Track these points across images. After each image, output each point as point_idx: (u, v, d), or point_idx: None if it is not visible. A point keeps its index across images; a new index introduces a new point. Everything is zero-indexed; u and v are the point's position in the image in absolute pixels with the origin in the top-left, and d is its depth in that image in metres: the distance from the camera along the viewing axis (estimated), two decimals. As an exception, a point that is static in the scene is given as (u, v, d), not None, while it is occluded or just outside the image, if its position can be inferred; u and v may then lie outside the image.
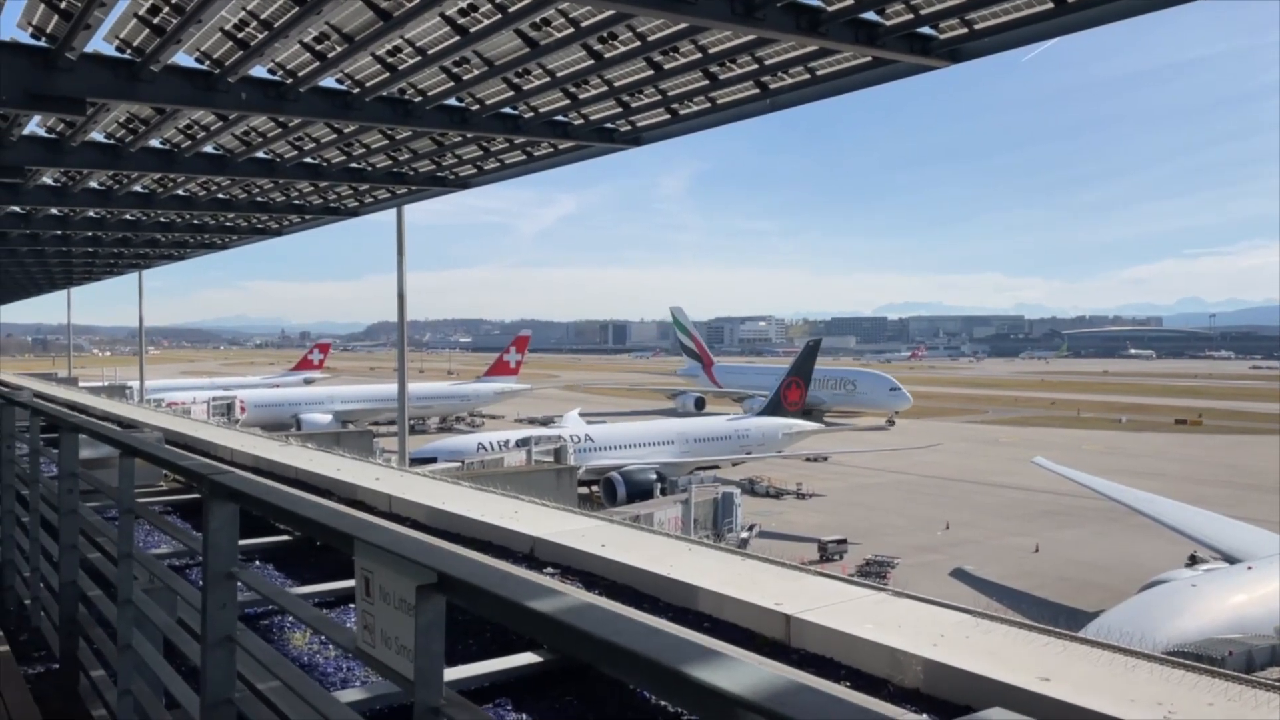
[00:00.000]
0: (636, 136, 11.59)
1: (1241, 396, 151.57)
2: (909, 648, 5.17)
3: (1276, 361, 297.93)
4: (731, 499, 48.39)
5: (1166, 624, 21.18)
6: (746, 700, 1.24)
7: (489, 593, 2.00)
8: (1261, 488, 69.67)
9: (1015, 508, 61.72)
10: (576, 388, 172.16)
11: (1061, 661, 4.96)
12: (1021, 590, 42.24)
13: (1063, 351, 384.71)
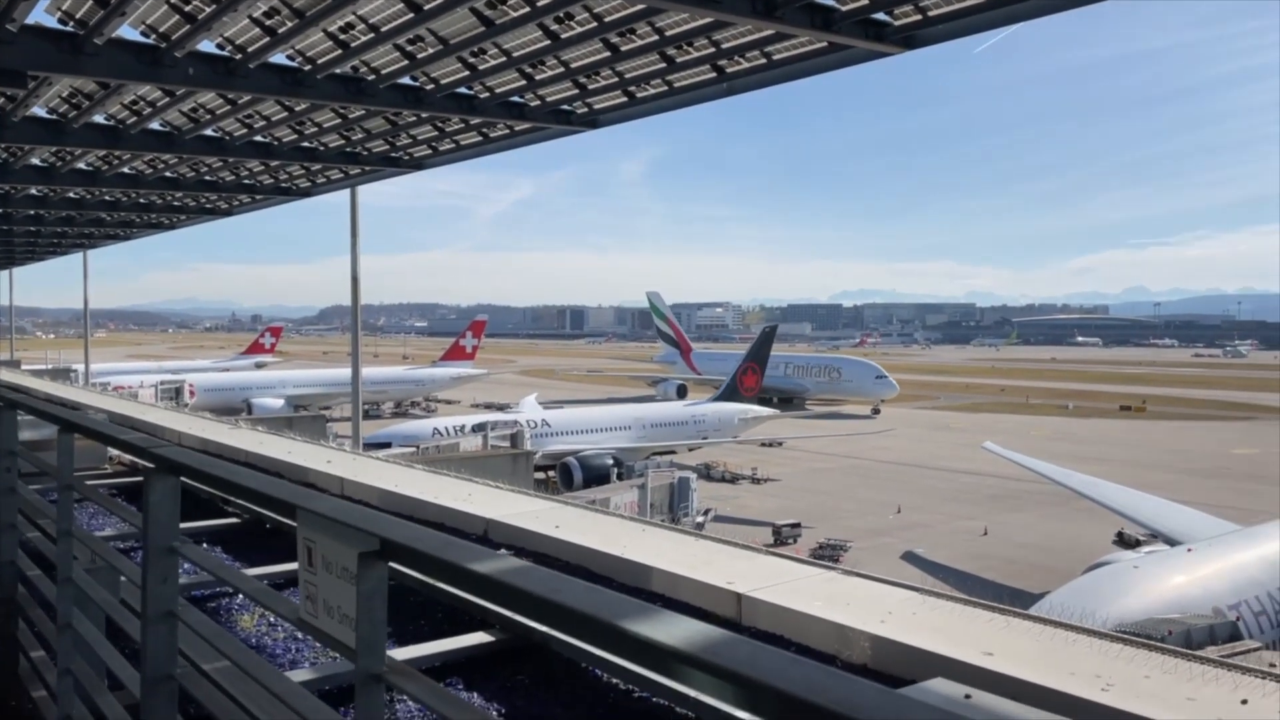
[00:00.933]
0: (593, 119, 11.53)
1: (1184, 384, 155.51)
2: (857, 624, 5.25)
3: (1218, 350, 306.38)
4: (688, 483, 48.58)
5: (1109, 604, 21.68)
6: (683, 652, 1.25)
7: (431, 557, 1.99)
8: (1201, 472, 71.72)
9: (965, 492, 62.77)
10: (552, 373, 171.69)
11: (1005, 637, 5.06)
12: (970, 572, 43.02)
13: (1012, 339, 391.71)
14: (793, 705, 1.16)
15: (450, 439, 51.32)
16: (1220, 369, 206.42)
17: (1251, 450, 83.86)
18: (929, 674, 4.58)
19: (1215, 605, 23.24)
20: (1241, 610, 23.59)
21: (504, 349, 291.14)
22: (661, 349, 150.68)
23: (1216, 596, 23.70)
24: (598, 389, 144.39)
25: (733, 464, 69.99)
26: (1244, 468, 74.35)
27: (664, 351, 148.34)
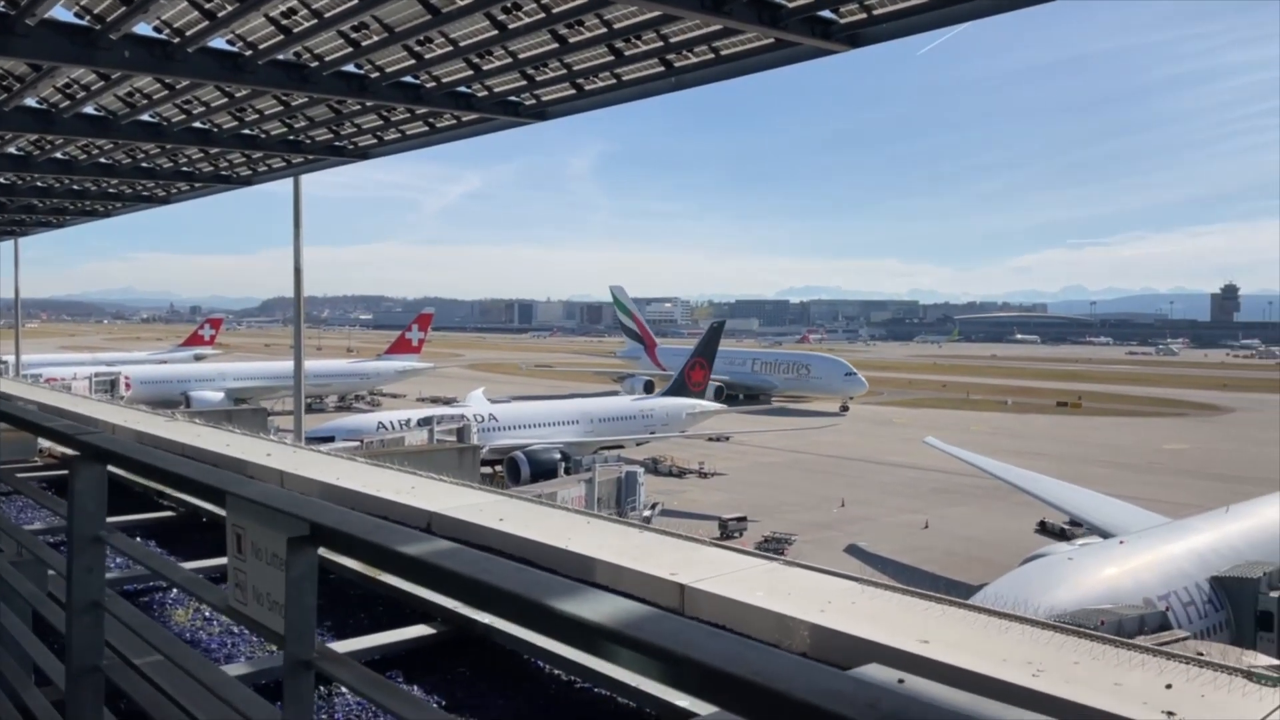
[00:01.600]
0: (541, 110, 11.47)
1: (1118, 380, 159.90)
2: (797, 614, 5.32)
3: (1150, 348, 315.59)
4: (635, 478, 48.58)
5: (1044, 595, 22.22)
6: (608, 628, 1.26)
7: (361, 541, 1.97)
8: (1134, 467, 73.81)
9: (908, 486, 63.77)
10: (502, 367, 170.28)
11: (941, 625, 5.17)
12: (911, 565, 43.80)
13: (954, 336, 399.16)
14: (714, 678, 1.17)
15: (395, 433, 50.77)
16: (1153, 367, 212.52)
17: (1181, 445, 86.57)
18: (866, 661, 4.66)
19: (1146, 596, 23.91)
20: (1171, 601, 24.34)
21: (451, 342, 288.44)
22: (625, 344, 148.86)
23: (1147, 587, 24.39)
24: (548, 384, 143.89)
25: (680, 459, 70.26)
26: (1174, 462, 76.76)
27: (628, 347, 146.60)
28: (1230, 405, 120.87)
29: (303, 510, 2.18)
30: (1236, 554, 27.46)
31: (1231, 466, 73.15)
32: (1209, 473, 70.83)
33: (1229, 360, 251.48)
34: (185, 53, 9.39)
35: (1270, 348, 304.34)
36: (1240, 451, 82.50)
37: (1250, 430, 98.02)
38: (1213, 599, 25.42)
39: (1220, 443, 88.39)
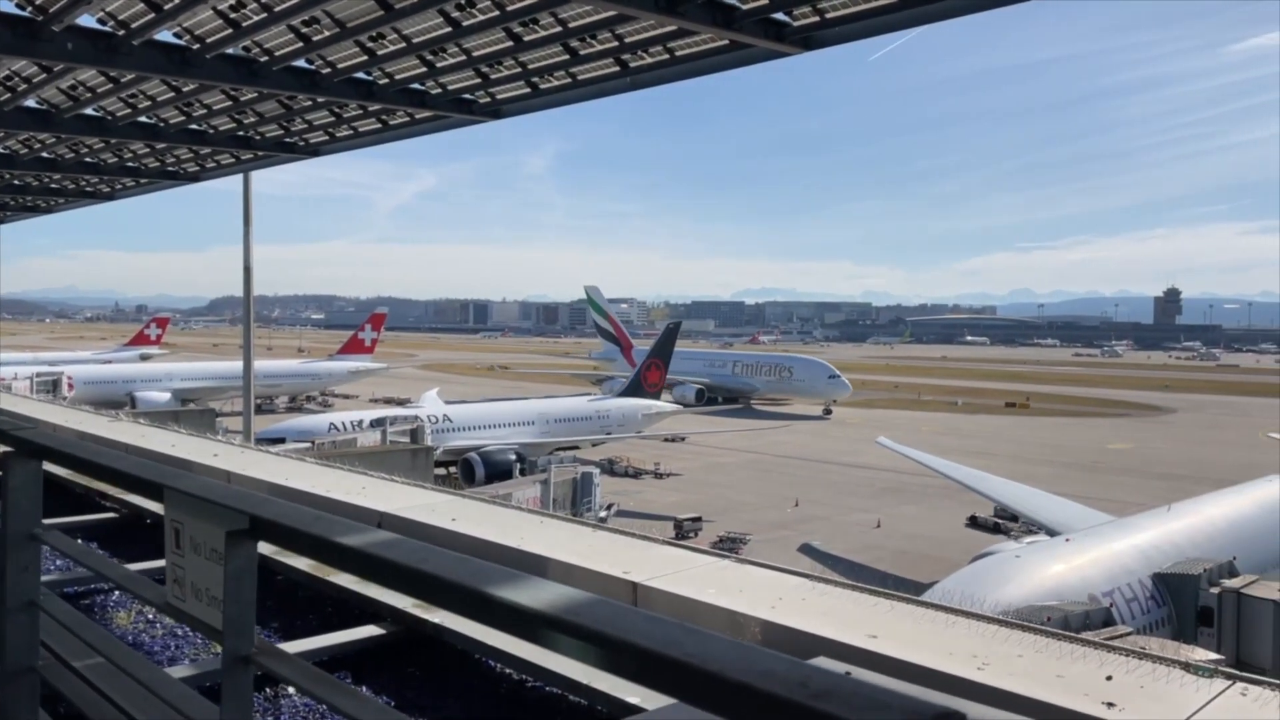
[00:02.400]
0: (496, 109, 11.40)
1: (1064, 381, 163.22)
2: (748, 610, 5.36)
3: (1096, 349, 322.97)
4: (591, 479, 48.44)
5: (993, 592, 22.58)
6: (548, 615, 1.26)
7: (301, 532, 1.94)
8: (1080, 466, 75.42)
9: (860, 486, 64.51)
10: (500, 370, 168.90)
11: (890, 620, 5.24)
12: (864, 563, 44.34)
13: (906, 337, 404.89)
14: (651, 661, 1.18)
15: (347, 434, 50.16)
16: (1098, 368, 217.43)
17: (1125, 445, 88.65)
18: (815, 654, 4.71)
19: (1091, 592, 24.42)
20: (1115, 597, 24.88)
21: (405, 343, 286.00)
22: (601, 346, 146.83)
23: (1092, 584, 24.93)
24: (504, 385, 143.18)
25: (636, 459, 70.37)
26: (1118, 461, 78.59)
27: (603, 348, 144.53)
28: (1172, 406, 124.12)
29: (242, 503, 2.14)
30: (1178, 551, 28.19)
31: (1173, 466, 75.17)
32: (1152, 472, 72.65)
33: (1171, 362, 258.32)
34: (130, 45, 9.20)
35: (1210, 350, 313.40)
36: (1182, 451, 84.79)
37: (1191, 431, 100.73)
38: (1155, 595, 26.03)
39: (1162, 443, 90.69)
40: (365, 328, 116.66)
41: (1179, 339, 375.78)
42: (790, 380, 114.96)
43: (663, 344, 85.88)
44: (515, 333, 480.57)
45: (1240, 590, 24.79)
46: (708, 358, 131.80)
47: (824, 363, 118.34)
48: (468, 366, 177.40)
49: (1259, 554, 30.56)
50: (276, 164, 15.65)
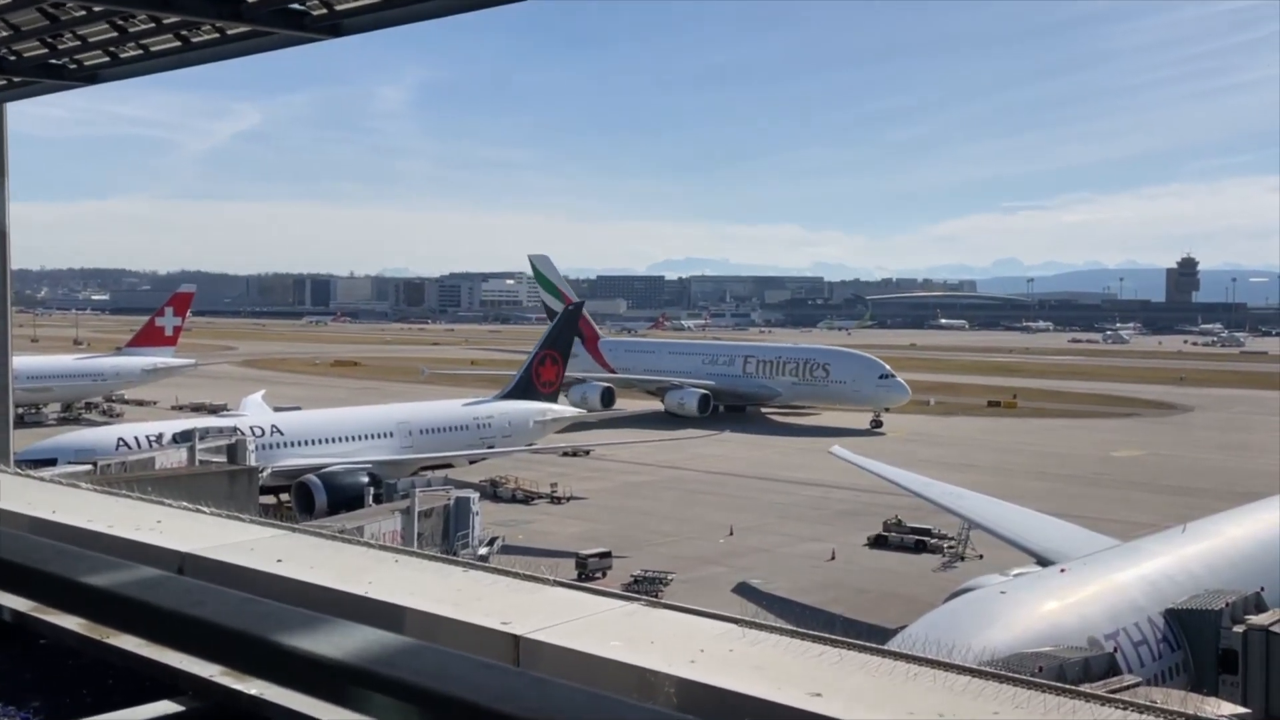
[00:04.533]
0: (335, 23, 11.20)
1: (1059, 374, 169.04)
2: (661, 666, 5.39)
3: (1097, 334, 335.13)
4: (468, 506, 48.34)
5: (973, 637, 23.14)
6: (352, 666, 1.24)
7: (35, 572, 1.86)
8: (1078, 478, 78.19)
9: (810, 508, 65.63)
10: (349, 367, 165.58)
11: (836, 673, 5.34)
12: (815, 605, 45.11)
13: (866, 321, 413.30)
14: None
15: (143, 452, 48.88)
16: (1100, 357, 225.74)
17: (1134, 452, 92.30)
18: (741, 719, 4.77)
19: (1091, 635, 25.27)
20: (1120, 640, 25.82)
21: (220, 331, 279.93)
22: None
23: (1092, 624, 25.81)
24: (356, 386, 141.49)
25: (527, 479, 70.26)
26: (1125, 472, 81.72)
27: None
28: (1188, 403, 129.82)
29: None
30: (1195, 582, 29.38)
31: (1190, 477, 78.60)
32: (1164, 485, 75.86)
33: (1187, 349, 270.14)
34: None
35: (1233, 334, 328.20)
36: (1200, 459, 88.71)
37: (1211, 433, 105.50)
38: (1168, 636, 27.11)
39: (1177, 448, 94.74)
40: (165, 312, 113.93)
41: (1196, 320, 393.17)
42: (827, 382, 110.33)
43: (560, 331, 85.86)
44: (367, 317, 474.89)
45: (1270, 628, 25.91)
46: (708, 352, 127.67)
47: (872, 358, 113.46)
48: (303, 362, 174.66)
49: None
50: (41, 93, 15.15)
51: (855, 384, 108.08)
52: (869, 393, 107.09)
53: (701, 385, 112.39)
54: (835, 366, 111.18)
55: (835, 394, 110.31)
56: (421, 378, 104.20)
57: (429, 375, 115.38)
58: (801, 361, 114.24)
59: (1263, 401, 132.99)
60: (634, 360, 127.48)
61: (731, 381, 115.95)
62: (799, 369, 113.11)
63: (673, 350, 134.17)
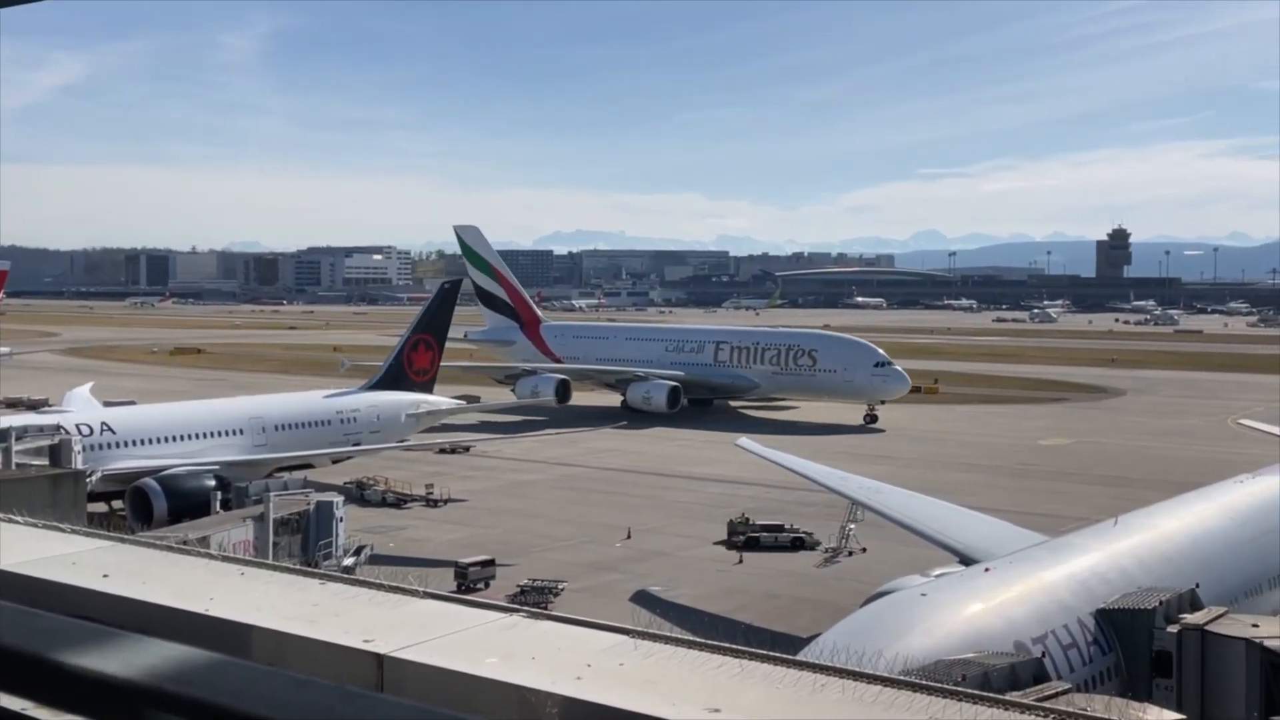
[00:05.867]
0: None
1: (984, 357, 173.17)
2: (543, 684, 5.37)
3: (1023, 312, 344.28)
4: (331, 511, 47.89)
5: (891, 644, 23.55)
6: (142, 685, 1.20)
7: None
8: (1004, 469, 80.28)
9: (716, 507, 66.13)
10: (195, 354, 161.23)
11: (736, 686, 5.38)
12: (720, 614, 45.55)
13: (776, 299, 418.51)
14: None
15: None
16: (1027, 337, 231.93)
17: (1063, 440, 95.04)
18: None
19: (1017, 639, 25.92)
20: (1048, 643, 26.51)
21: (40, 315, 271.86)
22: (486, 320, 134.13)
23: (1019, 628, 26.47)
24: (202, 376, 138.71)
25: (399, 480, 69.58)
26: (1054, 462, 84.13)
27: (491, 324, 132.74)
28: (1120, 386, 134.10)
29: None
30: (1127, 579, 30.32)
31: (1122, 466, 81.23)
32: (1095, 475, 78.26)
33: (1118, 328, 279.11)
34: None
35: (1167, 311, 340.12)
36: (1132, 446, 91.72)
37: (1144, 419, 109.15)
38: (1099, 638, 27.93)
39: (1108, 436, 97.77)
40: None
41: (1128, 297, 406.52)
42: (813, 371, 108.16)
43: (435, 312, 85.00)
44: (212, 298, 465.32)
45: (1205, 628, 26.87)
46: (673, 337, 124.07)
47: (865, 343, 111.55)
48: (138, 350, 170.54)
49: (1229, 578, 33.34)
50: None
51: (847, 373, 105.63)
52: (862, 383, 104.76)
53: (669, 377, 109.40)
54: (823, 353, 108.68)
55: (823, 385, 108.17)
56: (340, 372, 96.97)
57: (350, 369, 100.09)
58: (783, 348, 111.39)
59: (1197, 384, 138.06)
60: (584, 347, 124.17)
61: (701, 372, 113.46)
62: (780, 357, 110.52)
63: (630, 336, 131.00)
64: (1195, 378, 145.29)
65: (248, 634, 6.43)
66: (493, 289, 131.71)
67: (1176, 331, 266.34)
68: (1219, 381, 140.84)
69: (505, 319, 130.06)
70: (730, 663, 5.68)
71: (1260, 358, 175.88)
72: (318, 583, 7.45)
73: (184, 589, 7.14)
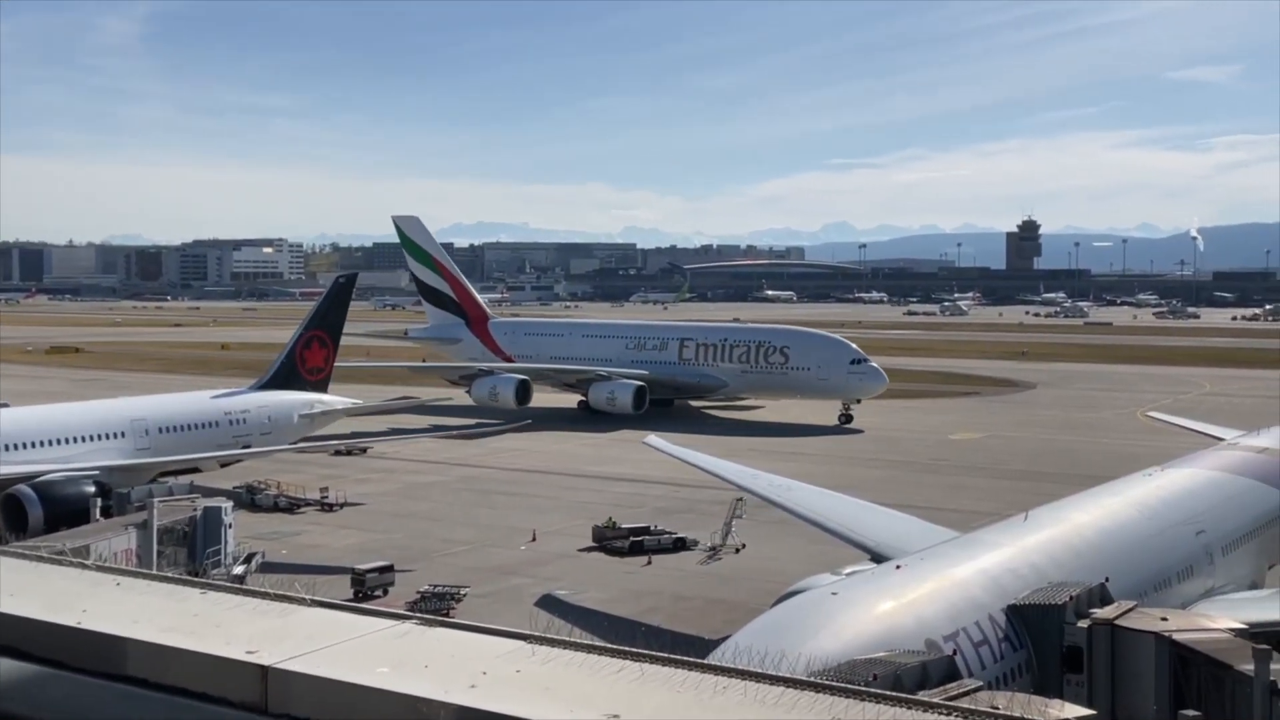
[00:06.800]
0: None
1: (894, 350, 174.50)
2: (436, 693, 5.37)
3: (934, 305, 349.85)
4: (219, 517, 47.34)
5: (802, 645, 23.78)
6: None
7: None
8: (914, 465, 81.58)
9: (624, 506, 66.21)
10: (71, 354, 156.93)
11: (636, 691, 5.42)
12: (627, 617, 45.63)
13: (684, 294, 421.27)
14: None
15: None
16: (938, 330, 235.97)
17: (974, 435, 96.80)
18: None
19: (929, 637, 26.30)
20: (960, 641, 26.92)
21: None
22: (430, 317, 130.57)
23: (930, 626, 26.85)
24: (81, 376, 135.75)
25: (292, 484, 68.78)
26: (965, 457, 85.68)
27: (435, 321, 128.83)
28: (1031, 380, 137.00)
29: None
30: (1038, 574, 30.89)
31: (1033, 461, 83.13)
32: (1006, 469, 79.93)
33: (1029, 321, 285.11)
34: None
35: (1077, 304, 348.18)
36: (1044, 440, 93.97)
37: (1055, 412, 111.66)
38: (1010, 635, 28.43)
39: (1020, 429, 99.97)
40: None
41: (1038, 289, 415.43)
42: (785, 369, 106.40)
43: (329, 307, 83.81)
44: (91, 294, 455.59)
45: (1115, 622, 27.51)
46: (633, 334, 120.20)
47: (840, 339, 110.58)
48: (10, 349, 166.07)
49: (1138, 572, 34.19)
50: None
51: (821, 371, 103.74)
52: (838, 381, 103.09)
53: (632, 376, 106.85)
54: (796, 350, 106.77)
55: (796, 383, 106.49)
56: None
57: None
58: (753, 345, 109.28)
59: (1107, 376, 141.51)
60: (536, 345, 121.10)
61: (665, 370, 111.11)
62: (750, 354, 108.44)
63: (587, 333, 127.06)
64: (1105, 370, 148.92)
65: (122, 647, 6.32)
66: (436, 283, 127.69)
67: (1086, 324, 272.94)
68: (1129, 374, 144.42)
69: (450, 315, 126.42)
70: (630, 667, 5.71)
71: (1168, 349, 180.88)
72: (199, 592, 7.35)
73: (56, 601, 6.99)
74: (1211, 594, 36.41)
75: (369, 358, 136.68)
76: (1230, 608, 33.37)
